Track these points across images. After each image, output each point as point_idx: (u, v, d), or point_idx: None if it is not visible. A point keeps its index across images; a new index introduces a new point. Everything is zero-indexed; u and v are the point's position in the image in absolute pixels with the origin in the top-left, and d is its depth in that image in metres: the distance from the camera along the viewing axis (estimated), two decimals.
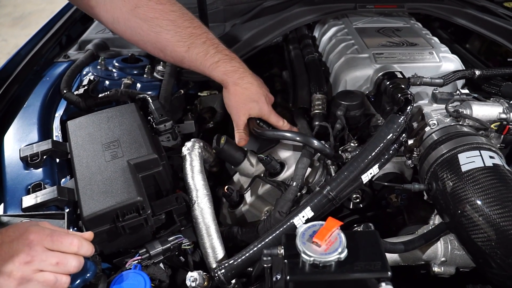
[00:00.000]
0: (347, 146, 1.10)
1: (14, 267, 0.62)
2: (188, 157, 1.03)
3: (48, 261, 0.64)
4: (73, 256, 0.67)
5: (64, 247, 0.67)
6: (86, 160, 0.94)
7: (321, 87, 1.17)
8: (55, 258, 0.65)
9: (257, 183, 1.09)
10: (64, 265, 0.66)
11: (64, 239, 0.67)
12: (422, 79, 1.05)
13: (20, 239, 0.63)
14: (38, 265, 0.64)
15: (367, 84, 1.15)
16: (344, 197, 0.93)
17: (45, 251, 0.65)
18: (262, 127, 1.05)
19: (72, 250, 0.68)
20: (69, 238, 0.68)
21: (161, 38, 1.01)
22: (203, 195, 0.98)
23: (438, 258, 0.95)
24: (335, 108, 1.10)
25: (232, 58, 1.05)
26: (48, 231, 0.67)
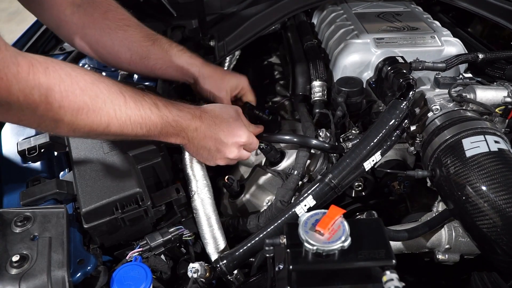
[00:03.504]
0: (348, 134, 1.09)
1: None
2: None
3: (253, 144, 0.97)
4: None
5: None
6: (84, 152, 0.93)
7: (321, 74, 1.15)
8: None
9: (258, 172, 1.08)
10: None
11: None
12: (424, 64, 1.03)
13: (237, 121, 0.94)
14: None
15: (368, 70, 1.13)
16: (347, 185, 0.91)
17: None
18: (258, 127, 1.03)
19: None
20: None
21: (128, 35, 1.03)
22: (203, 186, 0.97)
23: (442, 245, 0.94)
24: (336, 95, 1.08)
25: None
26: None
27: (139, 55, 1.06)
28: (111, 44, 1.03)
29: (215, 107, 0.96)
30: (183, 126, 0.88)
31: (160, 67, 1.09)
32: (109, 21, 1.02)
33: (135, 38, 1.05)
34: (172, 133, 0.87)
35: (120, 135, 0.80)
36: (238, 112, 0.97)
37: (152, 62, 1.08)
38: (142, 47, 1.06)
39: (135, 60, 1.06)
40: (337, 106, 1.07)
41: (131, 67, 1.07)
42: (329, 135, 1.05)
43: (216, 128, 0.92)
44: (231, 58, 1.40)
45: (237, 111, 0.97)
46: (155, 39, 1.07)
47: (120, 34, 1.03)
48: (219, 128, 0.92)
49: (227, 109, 0.96)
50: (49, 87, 0.68)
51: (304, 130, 1.06)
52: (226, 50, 1.29)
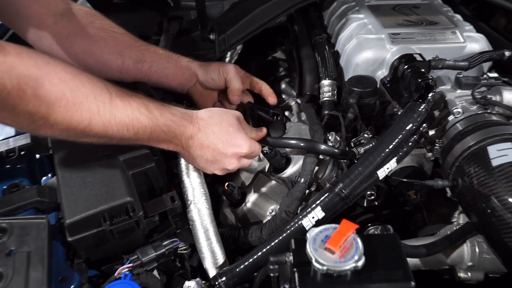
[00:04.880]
0: (360, 138, 1.07)
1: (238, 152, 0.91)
2: None
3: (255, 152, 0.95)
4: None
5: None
6: (69, 156, 0.90)
7: (331, 72, 1.13)
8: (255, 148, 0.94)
9: (261, 179, 1.06)
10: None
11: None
12: (445, 62, 1.00)
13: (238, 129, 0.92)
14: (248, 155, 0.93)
15: (382, 69, 1.10)
16: (358, 195, 0.90)
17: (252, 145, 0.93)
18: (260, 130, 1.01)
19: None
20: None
21: (119, 41, 1.03)
22: (200, 194, 0.94)
23: (464, 262, 0.92)
24: (347, 95, 1.05)
25: None
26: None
27: (132, 60, 1.05)
28: (100, 52, 1.02)
29: (214, 113, 0.93)
30: (176, 133, 0.86)
31: (156, 70, 1.08)
32: (96, 29, 1.01)
33: (127, 44, 1.04)
34: (164, 139, 0.86)
35: (104, 137, 0.78)
36: (239, 119, 0.95)
37: (147, 65, 1.07)
38: (136, 51, 1.05)
39: (127, 66, 1.05)
40: (348, 108, 1.05)
41: (123, 75, 1.05)
42: (339, 139, 1.03)
43: (214, 137, 0.90)
44: (233, 53, 1.38)
45: (238, 117, 0.95)
46: (148, 44, 1.08)
47: (110, 41, 1.02)
48: (217, 138, 0.90)
49: (227, 115, 0.94)
50: (22, 72, 0.65)
51: (312, 133, 1.04)
52: (227, 44, 1.28)
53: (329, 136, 1.03)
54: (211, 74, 1.10)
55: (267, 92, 1.16)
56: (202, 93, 1.15)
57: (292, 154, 1.04)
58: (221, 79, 1.10)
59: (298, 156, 1.03)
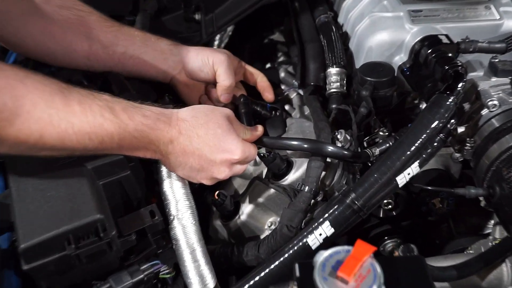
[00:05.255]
0: (374, 136, 1.04)
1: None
2: None
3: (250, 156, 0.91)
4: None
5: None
6: (25, 164, 0.85)
7: (339, 58, 1.09)
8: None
9: (257, 187, 1.02)
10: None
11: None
12: (477, 44, 0.96)
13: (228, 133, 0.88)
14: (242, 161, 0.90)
15: (400, 53, 1.06)
16: (374, 206, 0.88)
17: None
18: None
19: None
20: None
21: (85, 20, 0.99)
22: (185, 208, 0.91)
23: (504, 286, 0.88)
24: (358, 86, 1.01)
25: None
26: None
27: (101, 44, 1.01)
28: (61, 34, 0.97)
29: (198, 113, 0.89)
30: (151, 138, 0.83)
31: (131, 55, 1.04)
32: (57, 7, 0.97)
33: (95, 24, 1.01)
34: (137, 146, 0.83)
35: (62, 149, 0.76)
36: (229, 119, 0.91)
37: (121, 50, 1.03)
38: (106, 33, 1.02)
39: (96, 51, 1.01)
40: (360, 101, 1.02)
41: (91, 61, 1.02)
42: (349, 138, 0.99)
43: (199, 142, 0.86)
44: (222, 36, 1.36)
45: (228, 116, 0.91)
46: (121, 25, 1.04)
47: (74, 21, 0.98)
48: (203, 142, 0.86)
49: (215, 115, 0.90)
50: None
51: (318, 132, 1.00)
52: (215, 25, 1.25)
53: (338, 134, 1.00)
54: (199, 63, 1.07)
55: (263, 85, 1.12)
56: (187, 84, 1.12)
57: (294, 156, 1.01)
58: (211, 71, 1.07)
59: (302, 160, 0.99)
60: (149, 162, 0.97)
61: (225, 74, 1.06)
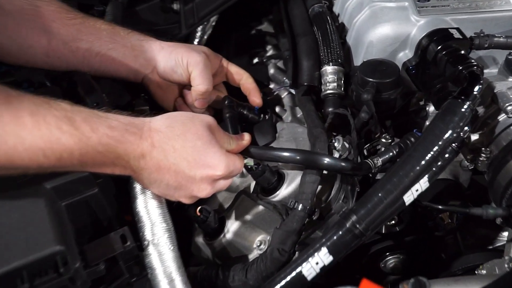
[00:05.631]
0: (375, 143, 0.95)
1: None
2: None
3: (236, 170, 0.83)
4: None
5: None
6: None
7: (335, 55, 0.98)
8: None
9: (244, 202, 0.93)
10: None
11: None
12: (493, 39, 0.87)
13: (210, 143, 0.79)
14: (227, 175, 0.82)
15: (405, 49, 0.97)
16: (377, 228, 0.77)
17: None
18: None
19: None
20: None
21: (42, 11, 0.89)
22: (162, 231, 0.82)
23: None
24: (359, 87, 0.91)
25: None
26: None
27: (62, 38, 0.91)
28: (15, 27, 0.87)
29: (174, 122, 0.80)
30: (119, 152, 0.74)
31: (98, 52, 0.94)
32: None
33: (55, 15, 0.91)
34: (103, 162, 0.74)
35: (12, 168, 0.67)
36: (211, 128, 0.81)
37: (85, 46, 0.93)
38: (67, 26, 0.92)
39: (56, 47, 0.91)
40: (360, 104, 0.91)
41: (50, 59, 0.92)
42: (348, 146, 0.91)
43: (176, 156, 0.77)
44: (205, 27, 1.25)
45: (209, 125, 0.81)
46: (85, 16, 0.95)
47: (30, 12, 0.88)
48: (180, 156, 0.77)
49: (194, 124, 0.80)
50: None
51: (312, 140, 0.90)
52: (196, 16, 1.16)
53: (335, 142, 0.91)
54: (172, 63, 0.96)
55: (248, 87, 1.01)
56: (160, 85, 1.02)
57: (286, 168, 0.91)
58: (185, 73, 0.97)
59: (294, 172, 0.90)
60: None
61: (200, 78, 0.95)
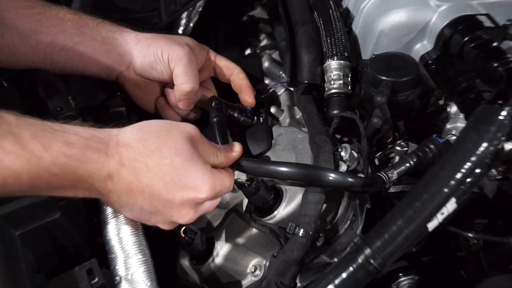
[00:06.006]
0: (388, 151, 0.81)
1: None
2: None
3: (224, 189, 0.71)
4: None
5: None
6: None
7: (341, 47, 0.84)
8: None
9: (235, 222, 0.82)
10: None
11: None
12: None
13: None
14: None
15: (422, 40, 0.83)
16: (394, 260, 0.64)
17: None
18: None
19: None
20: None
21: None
22: (137, 264, 0.69)
23: None
24: (369, 86, 0.78)
25: None
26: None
27: (19, 31, 0.81)
28: None
29: (148, 133, 0.67)
30: (80, 174, 0.61)
31: (62, 46, 0.84)
32: None
33: (8, 4, 0.81)
34: (60, 185, 0.62)
35: None
36: (192, 139, 0.68)
37: (47, 39, 0.83)
38: (25, 16, 0.82)
39: (11, 41, 0.81)
40: (371, 106, 0.77)
41: (5, 55, 0.84)
42: (356, 155, 0.78)
43: (150, 177, 0.64)
44: (190, 15, 1.13)
45: (190, 137, 0.68)
46: (46, 4, 0.85)
47: None
48: (155, 177, 0.65)
49: (172, 136, 0.67)
50: None
51: (315, 149, 0.77)
52: (178, 2, 1.06)
53: (342, 151, 0.78)
54: (150, 58, 0.84)
55: (240, 84, 0.88)
56: (138, 84, 0.90)
57: (285, 183, 0.78)
58: (166, 70, 0.85)
59: (295, 189, 0.77)
60: None
61: (184, 75, 0.82)
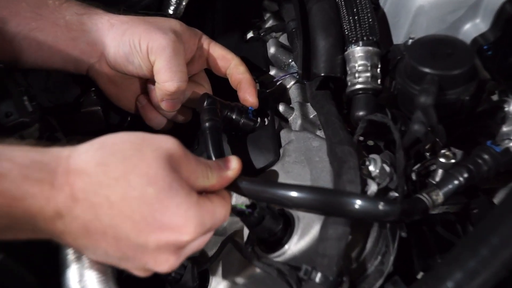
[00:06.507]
0: (429, 163, 0.64)
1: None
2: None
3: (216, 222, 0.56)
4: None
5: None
6: None
7: (367, 29, 0.67)
8: None
9: (233, 255, 0.66)
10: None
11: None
12: None
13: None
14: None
15: (474, 18, 0.65)
16: None
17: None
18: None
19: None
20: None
21: None
22: None
23: None
24: (407, 81, 0.59)
25: None
26: None
27: None
28: None
29: (111, 154, 0.49)
30: (16, 215, 0.46)
31: (15, 33, 0.68)
32: None
33: None
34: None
35: None
36: (172, 159, 0.51)
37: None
38: None
39: None
40: (409, 107, 0.59)
41: None
42: (388, 169, 0.61)
43: (113, 215, 0.48)
44: None
45: (169, 157, 0.50)
46: None
47: None
48: (121, 215, 0.48)
49: (143, 156, 0.49)
50: None
51: (336, 164, 0.60)
52: None
53: (370, 164, 0.61)
54: (126, 48, 0.68)
55: (239, 79, 0.72)
56: (113, 79, 0.74)
57: (296, 210, 0.60)
58: (146, 63, 0.69)
59: (310, 218, 0.60)
60: None
61: (167, 71, 0.66)
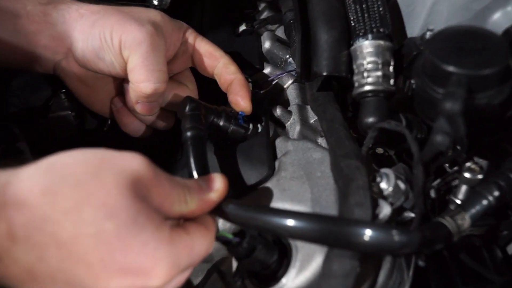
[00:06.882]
0: (451, 178, 0.56)
1: None
2: None
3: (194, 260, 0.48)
4: None
5: None
6: None
7: (376, 19, 0.57)
8: None
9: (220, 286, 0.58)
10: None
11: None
12: None
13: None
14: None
15: (506, 5, 0.57)
16: None
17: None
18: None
19: None
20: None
21: None
22: None
23: None
24: (427, 82, 0.50)
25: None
26: None
27: None
28: None
29: (61, 180, 0.40)
30: None
31: None
32: None
33: None
34: None
35: None
36: (138, 184, 0.42)
37: None
38: None
39: None
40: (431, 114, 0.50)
41: None
42: (403, 187, 0.52)
43: (63, 258, 0.40)
44: None
45: (134, 181, 0.41)
46: None
47: None
48: (72, 257, 0.40)
49: (101, 181, 0.40)
50: None
51: (342, 182, 0.52)
52: None
53: (382, 181, 0.52)
54: (96, 43, 0.60)
55: (229, 80, 0.63)
56: (82, 78, 0.65)
57: (293, 241, 0.52)
58: (119, 61, 0.60)
59: (311, 248, 0.51)
60: None
61: (142, 69, 0.58)
